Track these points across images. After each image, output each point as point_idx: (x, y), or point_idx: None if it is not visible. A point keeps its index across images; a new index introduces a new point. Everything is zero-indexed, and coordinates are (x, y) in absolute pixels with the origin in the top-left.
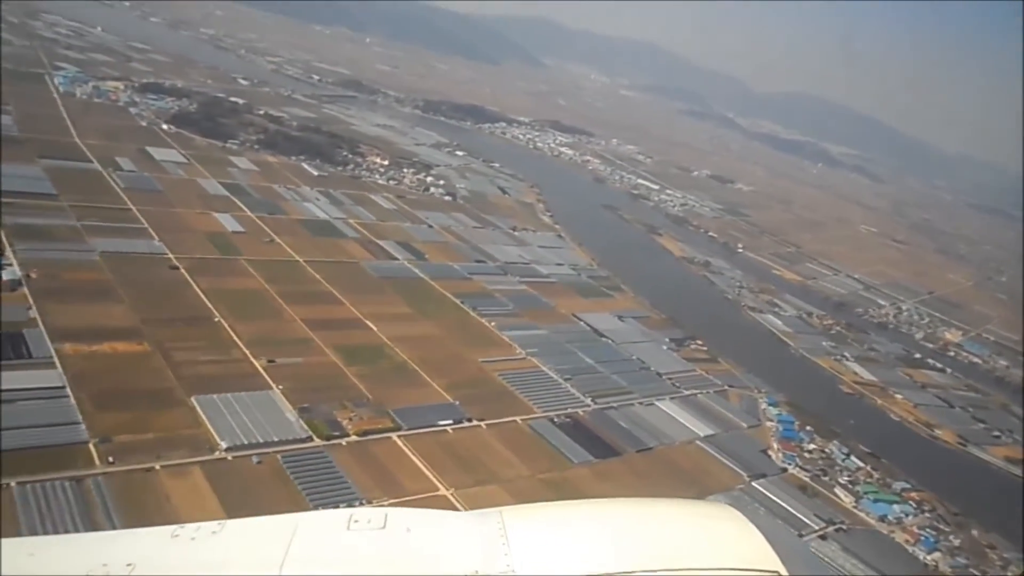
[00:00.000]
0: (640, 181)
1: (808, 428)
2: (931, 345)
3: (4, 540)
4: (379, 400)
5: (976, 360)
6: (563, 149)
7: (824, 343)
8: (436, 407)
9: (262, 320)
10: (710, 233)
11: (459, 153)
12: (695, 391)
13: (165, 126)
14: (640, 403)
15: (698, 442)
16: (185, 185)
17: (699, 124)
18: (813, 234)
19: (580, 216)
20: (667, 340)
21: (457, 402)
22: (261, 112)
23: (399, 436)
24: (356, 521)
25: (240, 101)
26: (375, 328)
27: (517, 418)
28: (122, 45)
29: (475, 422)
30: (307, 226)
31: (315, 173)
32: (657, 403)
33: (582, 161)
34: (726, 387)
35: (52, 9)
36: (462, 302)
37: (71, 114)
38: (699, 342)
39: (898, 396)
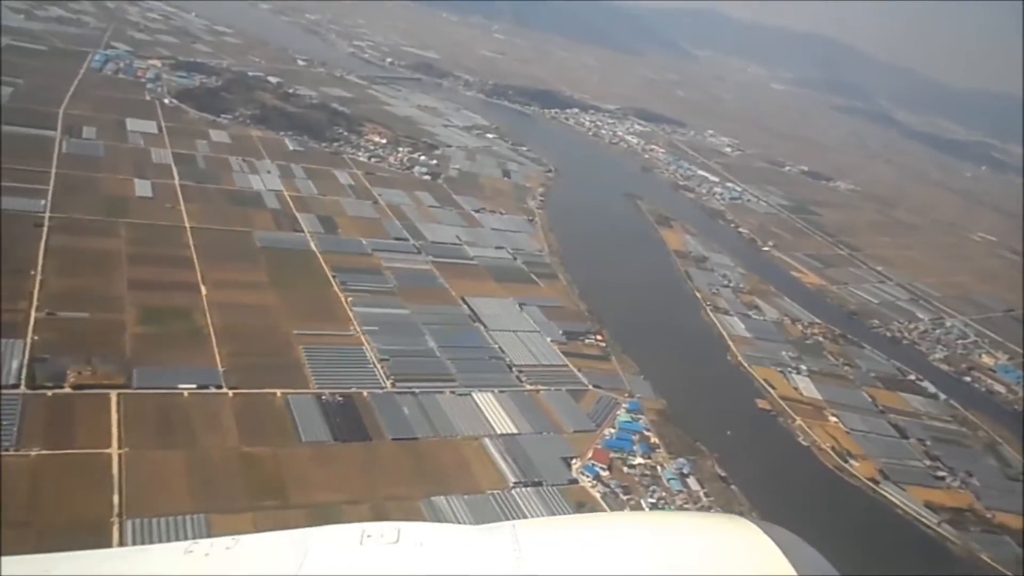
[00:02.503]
0: (700, 172)
1: (654, 441)
2: (947, 367)
3: (6, 558)
4: (136, 359)
5: (1000, 389)
6: (629, 137)
7: (784, 353)
8: (194, 371)
9: (85, 277)
10: (740, 229)
11: (489, 136)
12: (542, 387)
13: (167, 100)
14: (452, 392)
15: (487, 439)
16: (133, 154)
17: (846, 120)
18: (894, 238)
19: (582, 202)
20: (561, 332)
21: (223, 369)
22: (289, 91)
23: (118, 393)
24: (369, 536)
25: (274, 80)
26: (205, 293)
27: (278, 391)
28: (202, 29)
29: (224, 390)
30: (229, 196)
31: (291, 148)
32: (475, 394)
33: (643, 149)
34: (590, 387)
35: None
36: (335, 276)
37: (79, 88)
38: (599, 338)
39: (832, 419)
